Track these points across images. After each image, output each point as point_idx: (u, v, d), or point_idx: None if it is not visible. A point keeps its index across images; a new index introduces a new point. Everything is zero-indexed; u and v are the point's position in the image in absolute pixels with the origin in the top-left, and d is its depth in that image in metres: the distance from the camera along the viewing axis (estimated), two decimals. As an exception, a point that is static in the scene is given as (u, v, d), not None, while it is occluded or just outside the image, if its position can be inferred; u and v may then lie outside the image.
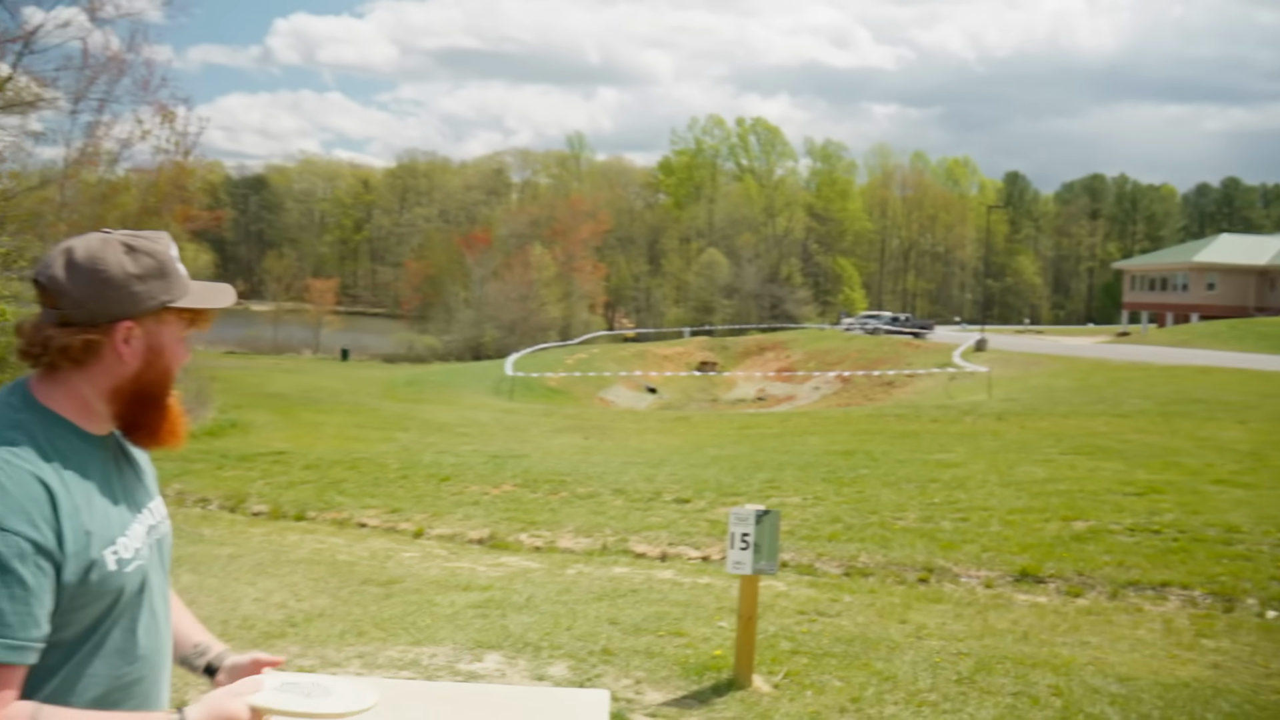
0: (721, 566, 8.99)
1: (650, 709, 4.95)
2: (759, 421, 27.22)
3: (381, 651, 5.79)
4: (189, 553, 8.70)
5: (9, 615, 1.40)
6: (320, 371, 44.78)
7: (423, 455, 16.38)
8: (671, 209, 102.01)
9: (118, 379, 1.60)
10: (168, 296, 1.62)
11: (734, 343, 59.52)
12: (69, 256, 1.56)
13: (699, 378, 49.34)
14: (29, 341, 1.57)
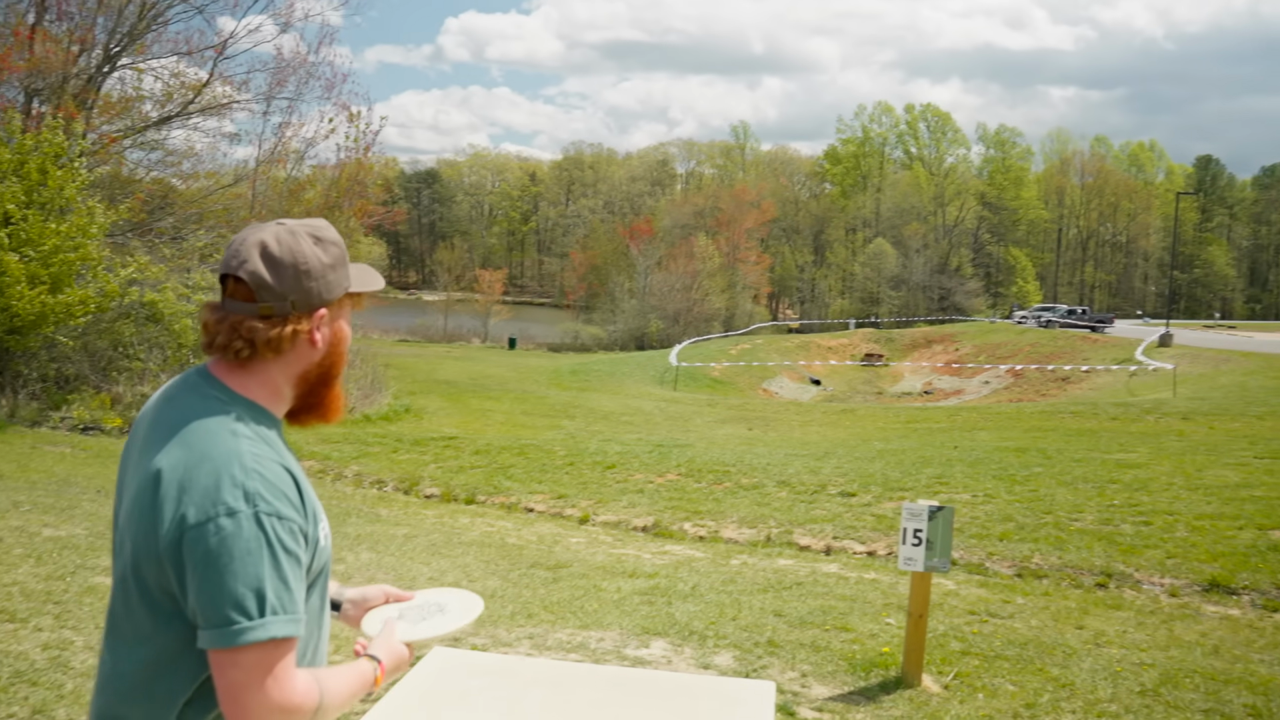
0: (888, 562, 8.85)
1: (816, 703, 4.92)
2: (926, 415, 26.57)
3: (550, 634, 5.93)
4: (367, 531, 9.12)
5: (296, 593, 1.53)
6: (488, 359, 46.04)
7: (588, 443, 16.65)
8: (837, 198, 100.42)
9: (308, 364, 1.69)
10: (349, 283, 1.72)
11: (900, 335, 58.20)
12: (265, 251, 1.62)
13: (864, 370, 48.52)
14: (230, 336, 1.61)
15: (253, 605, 1.47)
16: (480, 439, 17.02)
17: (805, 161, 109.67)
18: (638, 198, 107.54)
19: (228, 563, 1.47)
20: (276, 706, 1.50)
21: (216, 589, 1.47)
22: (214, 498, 1.49)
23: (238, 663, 1.48)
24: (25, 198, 15.06)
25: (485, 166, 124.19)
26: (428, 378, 32.14)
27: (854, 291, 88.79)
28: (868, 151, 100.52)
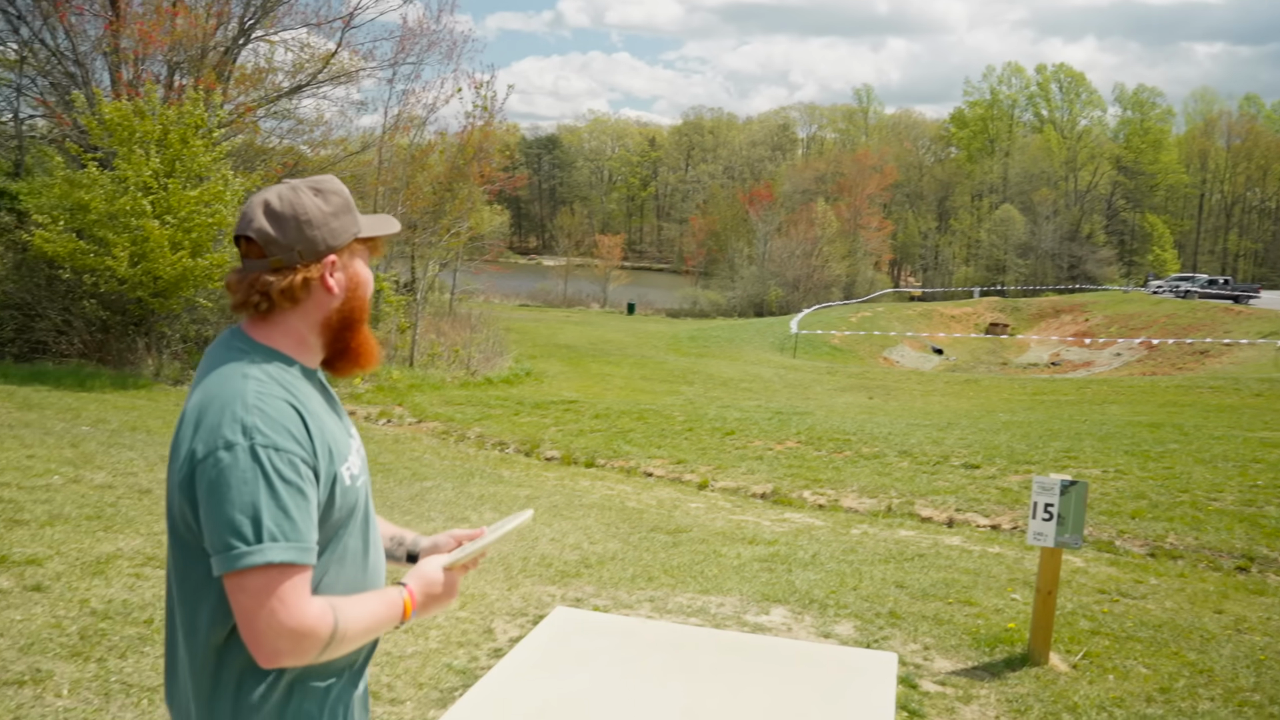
0: (1012, 536, 8.66)
1: (939, 676, 4.87)
2: (1054, 387, 25.80)
3: (671, 598, 5.99)
4: (490, 492, 9.32)
5: (299, 522, 1.60)
6: (607, 325, 46.38)
7: (707, 409, 16.68)
8: (963, 163, 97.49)
9: (327, 311, 1.78)
10: (356, 229, 1.80)
11: (1027, 304, 56.47)
12: (268, 208, 1.72)
13: (988, 340, 47.29)
14: (248, 292, 1.73)
15: (249, 531, 1.55)
16: (600, 403, 17.20)
17: (930, 125, 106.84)
18: (758, 163, 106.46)
19: (225, 492, 1.56)
20: (285, 630, 1.57)
21: (218, 517, 1.56)
22: (216, 433, 1.59)
23: (243, 587, 1.56)
24: (167, 168, 15.73)
25: (605, 132, 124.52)
26: (548, 342, 32.57)
27: (979, 259, 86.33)
28: (996, 114, 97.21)
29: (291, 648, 1.58)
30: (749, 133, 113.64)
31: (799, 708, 4.37)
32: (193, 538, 1.64)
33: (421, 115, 26.60)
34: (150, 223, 15.04)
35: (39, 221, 15.46)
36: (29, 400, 12.65)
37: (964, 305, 56.88)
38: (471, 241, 29.87)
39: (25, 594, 4.98)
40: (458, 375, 21.39)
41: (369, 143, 26.47)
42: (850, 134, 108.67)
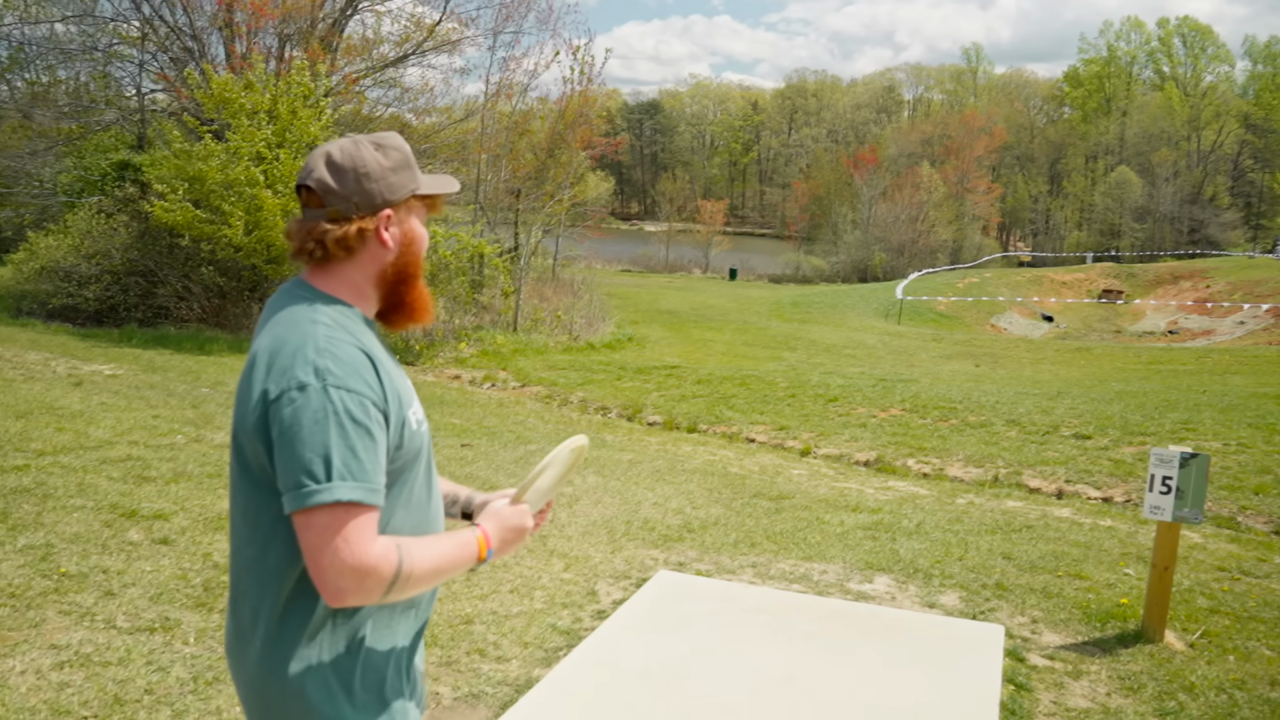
0: (1125, 510, 8.42)
1: (1047, 650, 4.77)
2: (1171, 356, 24.90)
3: (773, 564, 5.98)
4: (593, 456, 9.41)
5: (366, 463, 1.62)
6: (709, 290, 46.22)
7: (810, 375, 16.54)
8: (1077, 124, 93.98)
9: (382, 264, 1.80)
10: (414, 185, 1.82)
11: (1144, 270, 54.40)
12: (329, 160, 1.76)
13: (1101, 306, 45.79)
14: (304, 240, 1.77)
15: (320, 470, 1.58)
16: (702, 369, 17.19)
17: (1042, 85, 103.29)
18: (862, 126, 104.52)
19: (298, 431, 1.59)
20: (349, 568, 1.58)
21: (290, 456, 1.59)
22: (289, 374, 1.62)
23: (311, 525, 1.59)
24: (278, 138, 16.14)
25: (707, 96, 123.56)
26: (650, 308, 32.63)
27: (1092, 223, 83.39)
28: (1113, 72, 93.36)
29: (355, 586, 1.60)
30: (853, 95, 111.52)
31: (902, 677, 4.34)
32: (266, 479, 1.67)
33: (523, 82, 26.78)
34: (264, 192, 15.49)
35: (159, 192, 16.05)
36: (153, 363, 13.19)
37: (1076, 271, 55.10)
38: (574, 207, 30.05)
39: (154, 547, 5.22)
40: (560, 340, 21.60)
41: (472, 110, 26.77)
42: (958, 95, 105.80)
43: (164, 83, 20.38)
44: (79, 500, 5.82)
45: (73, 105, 20.89)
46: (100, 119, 21.06)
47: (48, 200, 21.22)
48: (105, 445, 7.39)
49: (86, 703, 3.54)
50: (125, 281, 17.46)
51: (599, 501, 7.35)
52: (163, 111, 21.36)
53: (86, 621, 4.21)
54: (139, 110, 21.16)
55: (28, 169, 21.54)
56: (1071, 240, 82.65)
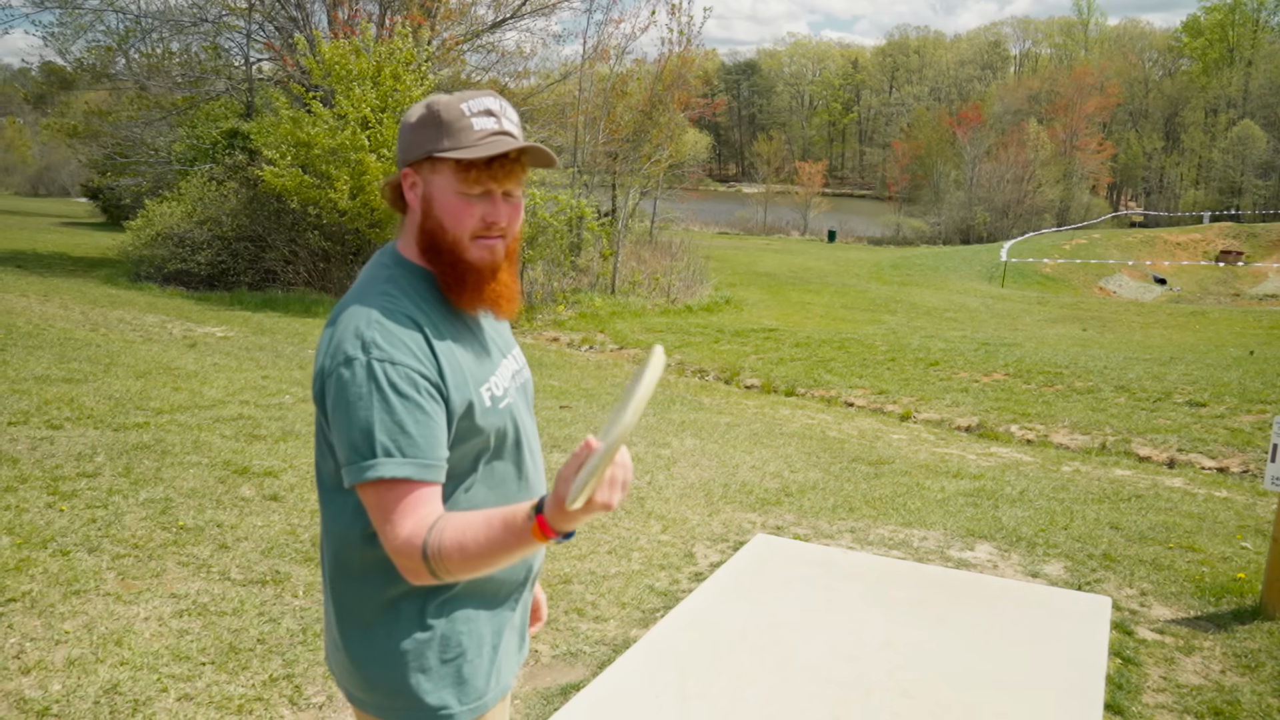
0: (1243, 480, 8.13)
1: (1157, 624, 4.64)
2: (1294, 321, 23.84)
3: (872, 529, 5.92)
4: (691, 419, 9.42)
5: (417, 437, 1.57)
6: (807, 252, 45.71)
7: (910, 339, 16.27)
8: (1197, 76, 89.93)
9: (414, 226, 1.74)
10: (433, 146, 1.67)
11: (1266, 230, 51.95)
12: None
13: (1219, 269, 44.02)
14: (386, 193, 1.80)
15: (364, 446, 1.55)
16: (800, 332, 17.05)
17: (1159, 36, 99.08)
18: (966, 83, 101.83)
19: (345, 407, 1.57)
20: (392, 547, 1.57)
21: (340, 432, 1.58)
22: (340, 349, 1.60)
23: (366, 499, 1.59)
24: (381, 103, 16.39)
25: (805, 56, 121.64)
26: (747, 270, 32.43)
27: (1211, 181, 79.86)
28: (1238, 20, 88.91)
29: (404, 565, 1.57)
30: (957, 51, 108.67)
31: (1003, 647, 4.27)
32: (330, 447, 1.67)
33: (621, 44, 26.67)
34: (368, 156, 15.77)
35: (268, 159, 16.45)
36: (262, 325, 13.59)
37: (1191, 231, 52.98)
38: (671, 169, 29.90)
39: (264, 503, 5.40)
40: (658, 303, 21.62)
41: (569, 71, 26.78)
42: (1068, 49, 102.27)
43: (270, 51, 20.84)
44: (195, 457, 6.05)
45: (185, 76, 21.50)
46: (211, 89, 21.65)
47: (163, 168, 21.96)
48: (218, 404, 7.65)
49: (204, 649, 3.70)
50: (235, 246, 17.99)
51: (696, 464, 7.36)
52: (269, 80, 21.86)
53: (203, 573, 4.39)
54: (247, 79, 21.69)
55: (144, 138, 22.29)
56: (1187, 199, 79.35)
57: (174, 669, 3.55)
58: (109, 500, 5.12)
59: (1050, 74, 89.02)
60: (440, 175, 1.69)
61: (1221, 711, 3.79)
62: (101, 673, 3.46)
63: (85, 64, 22.53)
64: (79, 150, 28.72)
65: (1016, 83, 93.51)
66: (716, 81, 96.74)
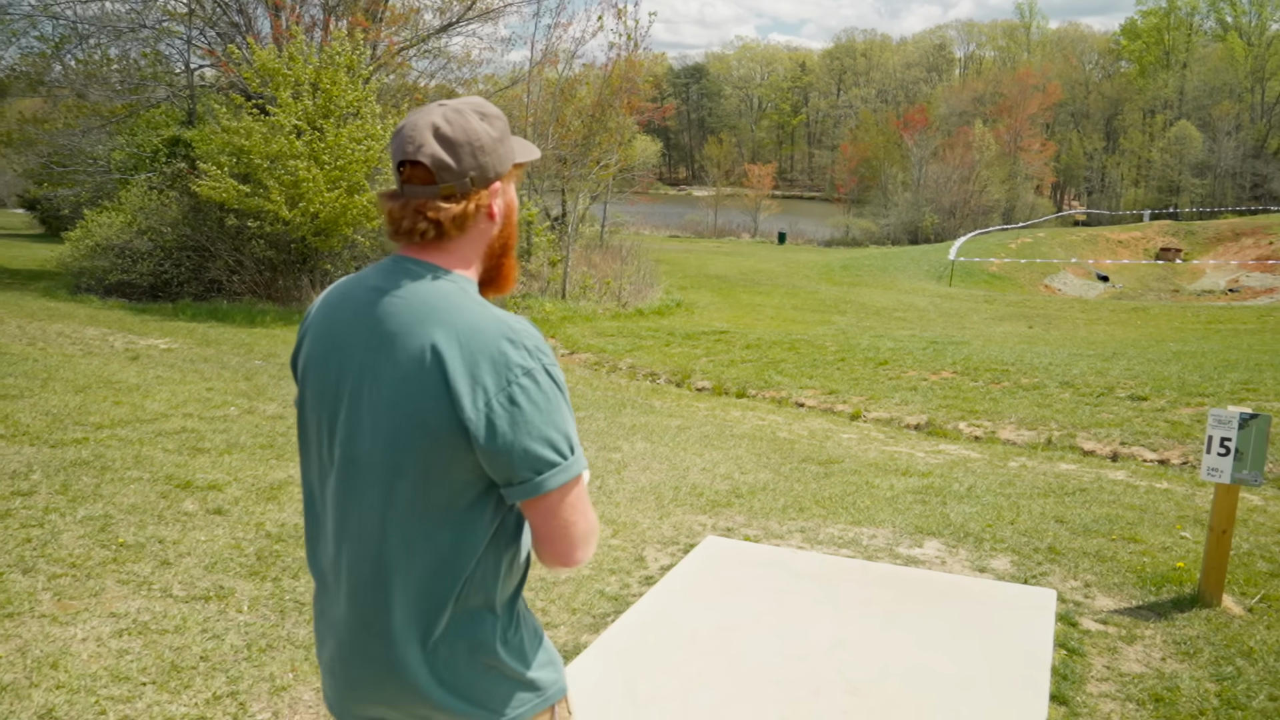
0: (1182, 472, 8.28)
1: (1100, 615, 4.71)
2: (1231, 316, 24.37)
3: (822, 528, 5.95)
4: (642, 422, 9.41)
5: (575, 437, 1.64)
6: (758, 254, 45.92)
7: (860, 339, 16.40)
8: (1135, 78, 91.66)
9: (489, 237, 1.74)
10: (515, 155, 1.75)
11: (1203, 227, 53.08)
12: (439, 132, 1.64)
13: (1159, 266, 44.88)
14: (414, 219, 1.65)
15: (565, 446, 1.59)
16: (751, 333, 17.12)
17: (1098, 39, 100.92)
18: (912, 85, 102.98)
19: (536, 415, 1.56)
20: (591, 531, 1.67)
21: (531, 441, 1.56)
22: (509, 363, 1.56)
23: (560, 501, 1.61)
24: (322, 110, 16.23)
25: (753, 59, 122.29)
26: (698, 273, 32.52)
27: (1150, 180, 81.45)
28: (1173, 24, 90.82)
29: (589, 547, 1.68)
30: (903, 54, 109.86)
31: (952, 642, 4.31)
32: (458, 474, 1.59)
33: (569, 48, 26.67)
34: (302, 164, 15.58)
35: (204, 170, 16.21)
36: (207, 336, 13.39)
37: (1132, 229, 53.98)
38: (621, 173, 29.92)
39: (208, 517, 5.31)
40: (609, 307, 21.61)
41: (517, 77, 26.71)
42: (1011, 51, 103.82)
43: (211, 58, 20.56)
44: (136, 472, 5.94)
45: (124, 83, 21.13)
46: (151, 96, 21.30)
47: (103, 178, 21.55)
48: (161, 418, 7.52)
49: (145, 669, 3.62)
50: (178, 256, 17.71)
51: (647, 468, 7.35)
52: (211, 87, 21.57)
53: (144, 590, 4.30)
54: (188, 86, 21.38)
55: (83, 147, 21.88)
56: (1128, 198, 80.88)
57: (113, 690, 3.47)
58: (45, 519, 5.01)
59: (994, 76, 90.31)
60: (510, 181, 1.76)
61: (1162, 698, 3.85)
62: (36, 697, 3.37)
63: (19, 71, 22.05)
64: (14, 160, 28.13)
65: (961, 85, 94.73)
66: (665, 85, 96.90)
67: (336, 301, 1.74)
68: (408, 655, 1.64)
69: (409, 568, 1.63)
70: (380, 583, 1.65)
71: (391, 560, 1.63)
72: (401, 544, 1.63)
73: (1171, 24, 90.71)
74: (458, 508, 1.62)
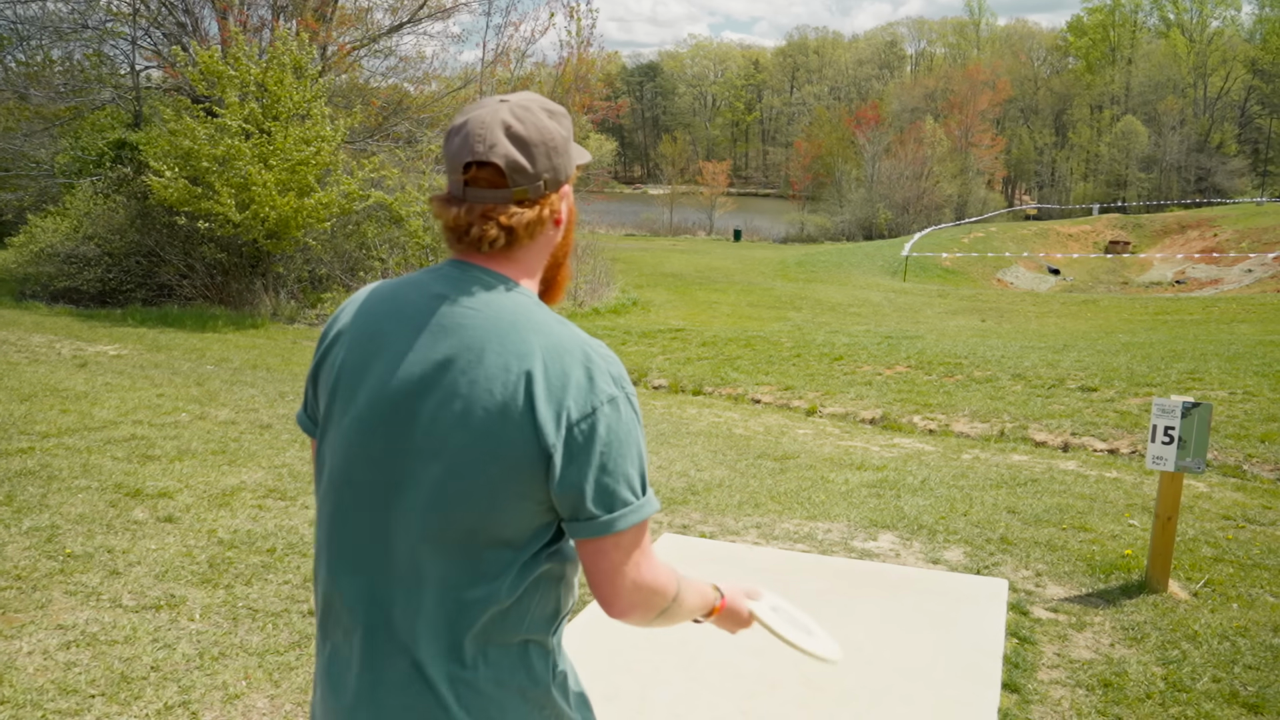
0: (1131, 461, 8.41)
1: (1051, 603, 4.78)
2: (1178, 306, 24.80)
3: (778, 524, 5.99)
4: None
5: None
6: (714, 252, 46.04)
7: (815, 334, 16.50)
8: (1082, 74, 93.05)
9: (553, 243, 1.61)
10: (576, 157, 1.62)
11: (1150, 220, 53.94)
12: (511, 132, 1.51)
13: (1108, 259, 45.56)
14: (484, 225, 1.51)
15: (639, 484, 1.48)
16: (707, 331, 17.16)
17: (1046, 35, 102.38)
18: (864, 82, 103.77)
19: (616, 447, 1.46)
20: (647, 584, 1.52)
21: (610, 473, 1.45)
22: (591, 388, 1.46)
23: (620, 543, 1.48)
24: (271, 111, 16.05)
25: (707, 57, 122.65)
26: (654, 271, 32.53)
27: (1098, 174, 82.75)
28: (1118, 20, 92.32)
29: (645, 602, 1.53)
30: (855, 51, 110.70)
31: (906, 634, 4.35)
32: (527, 508, 1.48)
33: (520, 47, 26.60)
34: (251, 166, 15.40)
35: (156, 170, 15.97)
36: (157, 342, 13.21)
37: (1082, 223, 54.74)
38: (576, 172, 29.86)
39: (159, 525, 5.24)
40: (565, 306, 21.57)
41: (470, 78, 26.59)
42: (961, 48, 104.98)
43: (157, 60, 20.26)
44: (83, 481, 5.85)
45: (67, 84, 20.77)
46: (96, 98, 20.96)
47: (46, 182, 21.19)
48: (109, 425, 7.41)
49: (94, 681, 3.57)
50: (126, 262, 17.45)
51: (603, 467, 7.35)
52: (158, 89, 21.26)
53: (92, 601, 4.24)
54: (134, 88, 21.05)
55: (25, 151, 21.48)
56: (1078, 192, 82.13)
57: (60, 704, 3.42)
58: (-9, 529, 4.92)
59: (945, 72, 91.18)
60: (571, 184, 1.63)
61: (1110, 683, 3.92)
62: (-18, 709, 3.32)
63: (-44, 73, 21.64)
64: (-47, 165, 27.61)
65: (913, 81, 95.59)
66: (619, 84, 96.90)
67: (384, 307, 1.58)
68: (444, 693, 1.49)
69: (460, 600, 1.49)
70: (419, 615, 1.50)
71: (440, 591, 1.49)
72: (456, 574, 1.49)
73: (1116, 20, 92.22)
74: (520, 538, 1.49)
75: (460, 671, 1.49)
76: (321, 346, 1.64)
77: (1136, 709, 3.73)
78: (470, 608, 1.48)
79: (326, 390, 1.60)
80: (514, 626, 1.52)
